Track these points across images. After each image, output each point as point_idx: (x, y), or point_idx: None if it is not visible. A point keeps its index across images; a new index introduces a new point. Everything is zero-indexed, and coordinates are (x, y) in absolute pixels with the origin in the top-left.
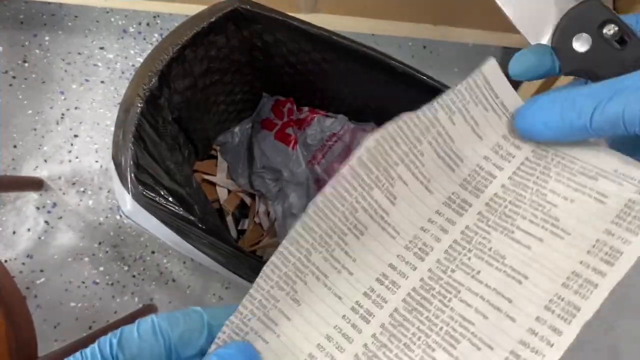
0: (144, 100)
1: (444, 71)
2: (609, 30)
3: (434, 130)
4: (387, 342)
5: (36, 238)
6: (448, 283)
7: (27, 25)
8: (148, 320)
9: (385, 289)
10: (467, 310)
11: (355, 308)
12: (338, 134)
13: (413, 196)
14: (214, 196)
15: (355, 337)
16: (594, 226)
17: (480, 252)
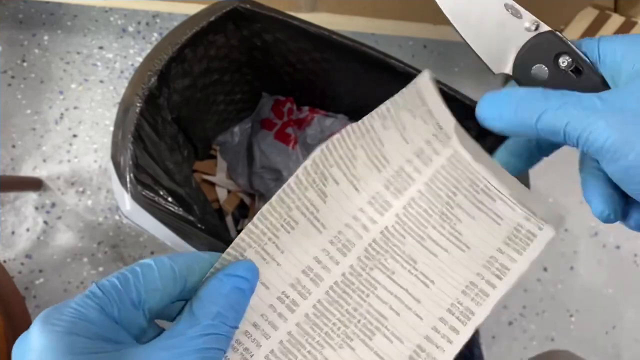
0: (143, 100)
1: (444, 71)
2: (564, 62)
3: (368, 136)
4: (309, 330)
5: (35, 238)
6: (367, 280)
7: (26, 25)
8: (164, 260)
9: (310, 281)
10: (382, 306)
11: (281, 298)
12: None
13: (342, 194)
14: (214, 196)
15: (281, 325)
16: (489, 243)
17: (396, 254)
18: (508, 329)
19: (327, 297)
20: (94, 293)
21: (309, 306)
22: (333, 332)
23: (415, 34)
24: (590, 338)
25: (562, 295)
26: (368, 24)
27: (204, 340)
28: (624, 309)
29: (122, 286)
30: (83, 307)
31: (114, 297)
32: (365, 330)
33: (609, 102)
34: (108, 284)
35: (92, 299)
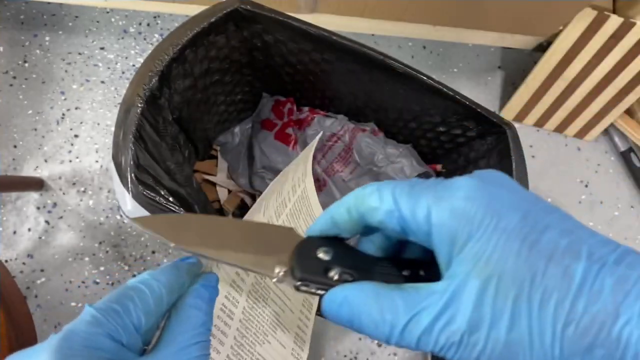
0: (144, 100)
1: (443, 72)
2: (335, 274)
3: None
4: (245, 332)
5: (36, 238)
6: (263, 287)
7: (28, 25)
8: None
9: (235, 292)
10: (275, 306)
11: (222, 308)
12: (338, 134)
13: (258, 218)
14: (214, 196)
15: (227, 331)
16: None
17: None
18: None
19: (248, 303)
20: (97, 320)
21: (239, 313)
22: (257, 332)
23: (415, 35)
24: None
25: None
26: (368, 25)
27: (196, 348)
28: None
29: (125, 313)
30: (92, 336)
31: (119, 323)
32: (272, 327)
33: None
34: (110, 310)
35: (98, 327)
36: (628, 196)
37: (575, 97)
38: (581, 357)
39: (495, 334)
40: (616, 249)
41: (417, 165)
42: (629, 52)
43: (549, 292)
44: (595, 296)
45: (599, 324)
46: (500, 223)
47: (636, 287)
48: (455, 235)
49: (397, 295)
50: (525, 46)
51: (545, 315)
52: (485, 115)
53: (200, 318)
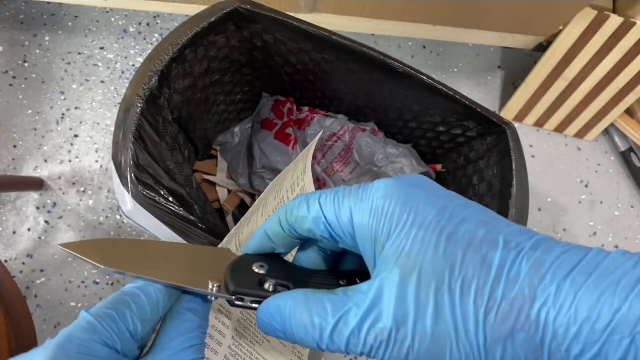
0: (144, 100)
1: (443, 71)
2: (270, 286)
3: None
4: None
5: (36, 238)
6: None
7: (27, 25)
8: None
9: None
10: None
11: (217, 317)
12: (338, 134)
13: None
14: (214, 196)
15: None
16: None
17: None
18: None
19: (242, 316)
20: (93, 326)
21: (237, 312)
22: (257, 331)
23: (415, 34)
24: None
25: None
26: (368, 25)
27: (191, 352)
28: None
29: (121, 320)
30: (88, 343)
31: (115, 330)
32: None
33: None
34: (106, 317)
35: (93, 333)
36: (628, 196)
37: (575, 97)
38: (504, 343)
39: (422, 328)
40: (533, 237)
41: (417, 165)
42: (629, 52)
43: (468, 281)
44: (512, 282)
45: (518, 308)
46: (418, 218)
47: (551, 271)
48: (377, 234)
49: (327, 299)
50: (526, 46)
51: (466, 304)
52: (486, 115)
53: (196, 322)
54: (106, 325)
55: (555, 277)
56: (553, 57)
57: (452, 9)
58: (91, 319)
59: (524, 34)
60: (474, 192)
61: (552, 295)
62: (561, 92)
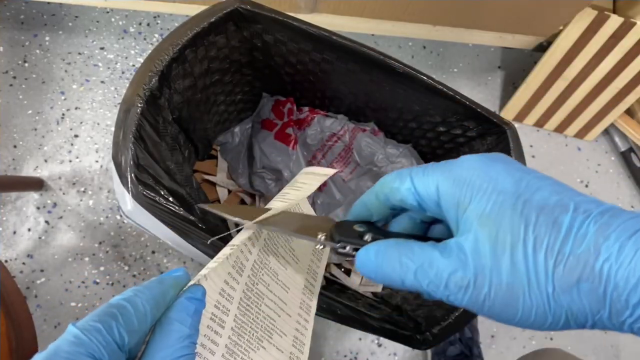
0: (144, 100)
1: (443, 71)
2: (368, 237)
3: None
4: (237, 340)
5: (36, 238)
6: (256, 293)
7: (28, 25)
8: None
9: (225, 300)
10: (270, 312)
11: (213, 318)
12: (338, 134)
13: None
14: (214, 196)
15: (218, 340)
16: (307, 256)
17: (267, 270)
18: (507, 328)
19: (239, 311)
20: (79, 339)
21: (231, 321)
22: (251, 338)
23: (415, 34)
24: (589, 337)
25: None
26: (368, 25)
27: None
28: None
29: (107, 332)
30: (74, 356)
31: (102, 342)
32: (267, 332)
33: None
34: (92, 330)
35: (80, 346)
36: (628, 196)
37: (575, 97)
38: (570, 292)
39: (497, 278)
40: (601, 205)
41: (416, 165)
42: (629, 52)
43: (540, 238)
44: (579, 240)
45: (584, 262)
46: (497, 186)
47: (616, 232)
48: (459, 200)
49: (416, 245)
50: (526, 46)
51: (538, 257)
52: (486, 115)
53: (184, 332)
54: (92, 337)
55: (619, 237)
56: (553, 57)
57: (452, 9)
58: (77, 332)
59: (523, 34)
60: None
61: (615, 251)
62: (561, 92)
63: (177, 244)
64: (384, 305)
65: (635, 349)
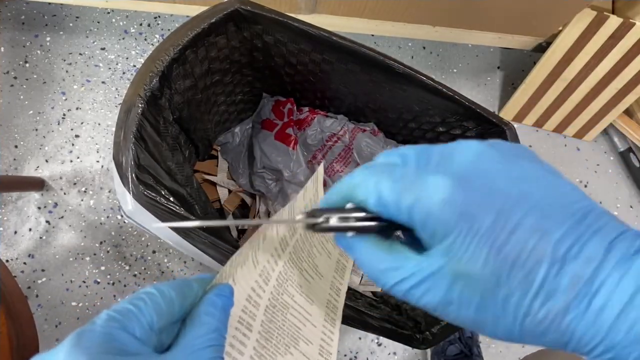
0: (145, 100)
1: (443, 72)
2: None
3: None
4: (265, 344)
5: (37, 238)
6: (281, 303)
7: (28, 26)
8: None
9: (252, 306)
10: (295, 320)
11: (240, 321)
12: (338, 134)
13: (270, 235)
14: (215, 196)
15: (247, 342)
16: (330, 273)
17: (292, 282)
18: None
19: (266, 318)
20: (111, 316)
21: (258, 326)
22: (278, 343)
23: (415, 35)
24: None
25: None
26: (368, 26)
27: (209, 351)
28: None
29: (137, 310)
30: (107, 329)
31: (133, 318)
32: (293, 339)
33: None
34: (124, 309)
35: (113, 321)
36: (627, 196)
37: (574, 97)
38: (537, 338)
39: (465, 313)
40: (580, 238)
41: None
42: (628, 53)
43: (511, 292)
44: (550, 295)
45: (552, 317)
46: (474, 226)
47: (585, 288)
48: (434, 231)
49: (389, 259)
50: (525, 47)
51: (507, 308)
52: (485, 116)
53: (213, 324)
54: (123, 314)
55: (587, 293)
56: (552, 57)
57: (452, 10)
58: (110, 311)
59: (523, 34)
60: None
61: (582, 310)
62: (560, 92)
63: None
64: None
65: None
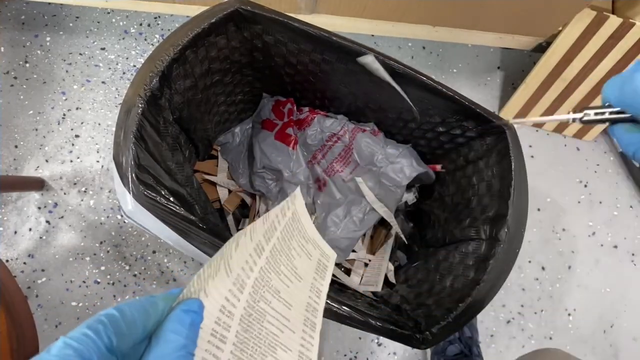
0: (145, 100)
1: (443, 72)
2: None
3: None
4: (240, 355)
5: (37, 238)
6: (257, 310)
7: (29, 26)
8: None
9: (226, 317)
10: (273, 328)
11: (213, 334)
12: (338, 134)
13: (244, 242)
14: (215, 196)
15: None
16: (310, 274)
17: (269, 288)
18: (506, 328)
19: (241, 327)
20: (69, 344)
21: (232, 337)
22: (254, 353)
23: (415, 35)
24: (588, 337)
25: (560, 294)
26: (368, 26)
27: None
28: (622, 308)
29: (96, 335)
30: (63, 358)
31: (90, 345)
32: (271, 347)
33: None
34: (81, 336)
35: (68, 349)
36: (627, 196)
37: (574, 97)
38: None
39: None
40: None
41: (416, 165)
42: (627, 53)
43: None
44: None
45: None
46: None
47: None
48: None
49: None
50: (525, 47)
51: None
52: (485, 116)
53: (179, 342)
54: (81, 341)
55: None
56: (552, 57)
57: (452, 10)
58: (66, 339)
59: (523, 34)
60: (473, 193)
61: None
62: (560, 92)
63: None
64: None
65: (634, 349)
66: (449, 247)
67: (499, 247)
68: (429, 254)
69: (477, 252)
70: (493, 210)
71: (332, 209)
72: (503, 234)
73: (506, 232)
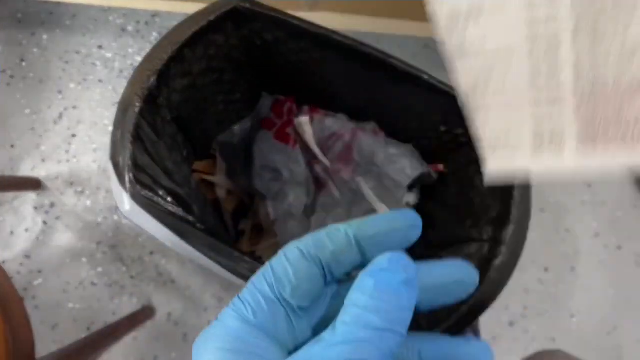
0: (142, 99)
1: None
2: None
3: None
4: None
5: (34, 238)
6: None
7: (25, 24)
8: (294, 250)
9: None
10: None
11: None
12: (338, 133)
13: None
14: (213, 196)
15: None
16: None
17: None
18: (509, 330)
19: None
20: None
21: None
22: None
23: (416, 33)
24: (592, 339)
25: (563, 296)
26: (368, 23)
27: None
28: (626, 310)
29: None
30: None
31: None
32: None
33: None
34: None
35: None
36: (631, 197)
37: None
38: None
39: None
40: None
41: (418, 165)
42: None
43: None
44: None
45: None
46: None
47: None
48: None
49: None
50: None
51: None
52: None
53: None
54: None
55: None
56: None
57: None
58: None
59: None
60: (475, 193)
61: None
62: None
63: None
64: None
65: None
66: (450, 249)
67: (502, 248)
68: (430, 255)
69: (479, 254)
70: (496, 211)
71: (332, 209)
72: (506, 235)
73: (509, 234)
